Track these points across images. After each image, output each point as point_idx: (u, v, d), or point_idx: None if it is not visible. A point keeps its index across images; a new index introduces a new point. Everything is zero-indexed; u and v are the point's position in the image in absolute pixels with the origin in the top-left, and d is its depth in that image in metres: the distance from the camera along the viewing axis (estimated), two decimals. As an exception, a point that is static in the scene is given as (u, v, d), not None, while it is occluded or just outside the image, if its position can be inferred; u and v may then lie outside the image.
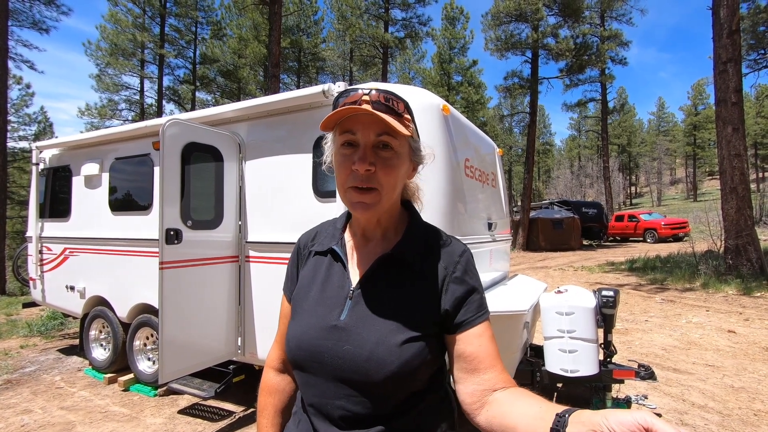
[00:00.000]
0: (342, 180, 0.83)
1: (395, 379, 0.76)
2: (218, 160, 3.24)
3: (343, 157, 0.82)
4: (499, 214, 3.89)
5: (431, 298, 0.84)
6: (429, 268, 0.86)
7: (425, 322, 0.82)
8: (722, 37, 8.58)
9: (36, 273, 4.96)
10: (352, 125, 0.80)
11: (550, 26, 20.61)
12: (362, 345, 0.78)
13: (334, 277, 0.89)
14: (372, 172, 0.79)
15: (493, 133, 32.65)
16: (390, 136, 0.80)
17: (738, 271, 8.45)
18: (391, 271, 0.86)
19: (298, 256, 1.01)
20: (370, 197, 0.81)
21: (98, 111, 26.08)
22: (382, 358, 0.76)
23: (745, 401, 3.41)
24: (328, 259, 0.92)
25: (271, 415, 0.96)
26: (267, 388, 0.99)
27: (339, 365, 0.79)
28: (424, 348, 0.80)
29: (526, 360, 3.14)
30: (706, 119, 49.19)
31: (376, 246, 0.90)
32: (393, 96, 0.81)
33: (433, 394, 0.87)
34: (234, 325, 3.28)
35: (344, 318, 0.82)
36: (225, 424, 3.21)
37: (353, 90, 0.82)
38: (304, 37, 29.68)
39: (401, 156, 0.83)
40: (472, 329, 0.83)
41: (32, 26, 14.85)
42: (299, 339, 0.85)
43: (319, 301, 0.87)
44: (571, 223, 18.92)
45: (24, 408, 3.59)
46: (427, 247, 0.89)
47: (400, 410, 0.80)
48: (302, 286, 0.93)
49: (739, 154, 8.49)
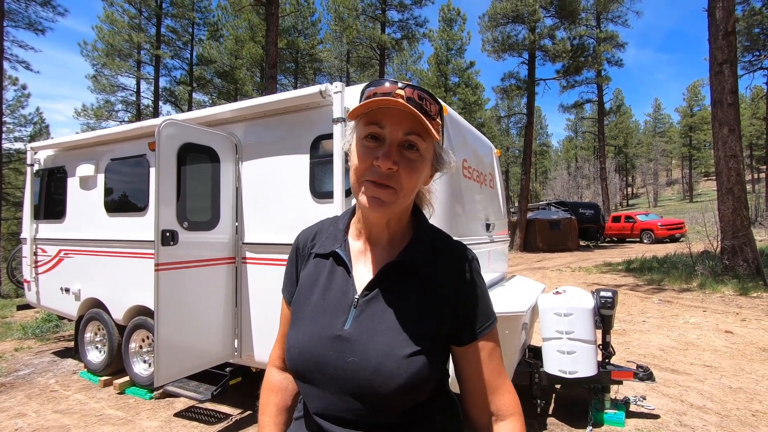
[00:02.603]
0: (359, 171, 0.77)
1: (403, 392, 0.73)
2: (215, 160, 3.22)
3: (365, 148, 0.76)
4: (496, 215, 3.88)
5: (439, 308, 0.80)
6: (437, 276, 0.82)
7: (433, 333, 0.79)
8: (718, 39, 8.62)
9: (31, 275, 4.92)
10: (381, 118, 0.74)
11: (547, 28, 20.69)
12: (368, 357, 0.74)
13: (337, 283, 0.84)
14: (394, 171, 0.74)
15: (491, 134, 32.74)
16: (419, 136, 0.75)
17: (734, 271, 8.48)
18: (397, 278, 0.81)
19: (297, 256, 0.95)
20: (386, 194, 0.75)
21: (95, 112, 25.94)
22: (389, 371, 0.73)
23: (743, 402, 3.41)
24: (330, 263, 0.87)
25: (274, 413, 0.93)
26: (269, 386, 0.97)
27: (343, 377, 0.75)
28: (432, 360, 0.77)
29: (525, 361, 3.13)
30: (701, 120, 49.42)
31: (383, 251, 0.85)
32: (428, 96, 0.76)
33: (438, 401, 0.85)
34: (230, 327, 3.25)
35: (348, 328, 0.78)
36: (222, 427, 3.19)
37: (385, 81, 0.76)
38: (301, 38, 29.64)
39: (425, 160, 0.79)
40: (480, 342, 0.82)
41: (28, 27, 14.81)
42: (301, 349, 0.80)
43: (321, 308, 0.83)
44: (568, 224, 18.97)
45: (18, 411, 3.55)
46: (434, 253, 0.84)
47: (405, 421, 0.78)
48: (302, 290, 0.88)
49: (735, 155, 8.53)
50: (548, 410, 3.33)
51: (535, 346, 3.49)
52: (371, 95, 0.76)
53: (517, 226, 19.05)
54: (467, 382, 0.84)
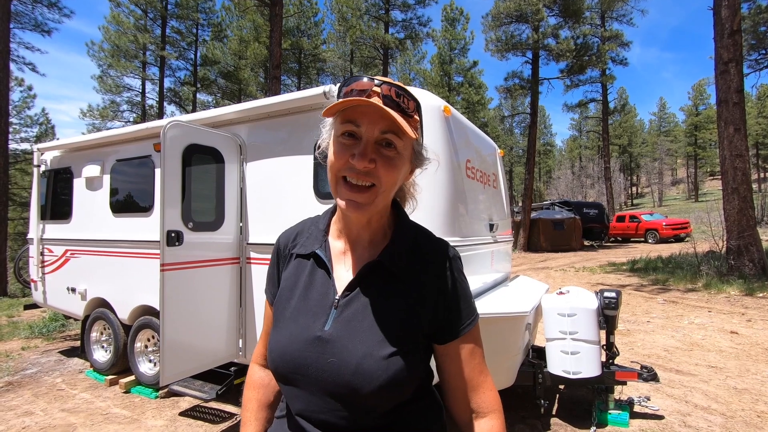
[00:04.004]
0: (336, 168, 0.76)
1: (382, 392, 0.73)
2: (219, 161, 3.24)
3: (341, 146, 0.75)
4: (500, 215, 3.88)
5: (420, 308, 0.79)
6: (418, 275, 0.81)
7: (414, 332, 0.79)
8: (723, 37, 8.57)
9: (37, 275, 4.97)
10: (357, 116, 0.73)
11: (551, 27, 20.59)
12: (348, 358, 0.74)
13: (318, 284, 0.84)
14: (371, 168, 0.74)
15: (494, 134, 32.65)
16: (395, 135, 0.74)
17: (740, 271, 8.42)
18: (378, 278, 0.80)
19: (278, 258, 0.95)
20: (364, 196, 0.75)
21: (100, 112, 26.15)
22: (368, 371, 0.72)
23: (749, 403, 3.39)
24: (310, 264, 0.87)
25: (255, 409, 0.94)
26: (252, 383, 0.98)
27: (323, 378, 0.75)
28: (412, 360, 0.77)
29: (528, 362, 3.13)
30: (707, 119, 49.08)
31: (363, 250, 0.84)
32: (405, 93, 0.75)
33: (421, 401, 0.84)
34: (235, 327, 3.27)
35: (328, 329, 0.77)
36: (226, 426, 3.21)
37: (362, 77, 0.75)
38: (305, 39, 29.72)
39: (403, 157, 0.78)
40: (462, 339, 0.83)
41: (34, 28, 14.90)
42: (282, 350, 0.80)
43: (302, 309, 0.82)
44: (572, 223, 18.90)
45: (25, 410, 3.59)
46: (415, 252, 0.84)
47: (387, 422, 0.77)
48: (283, 292, 0.88)
49: (740, 155, 8.47)
50: (552, 411, 3.33)
51: (538, 346, 3.49)
52: (348, 92, 0.75)
53: (520, 226, 19.00)
54: (449, 380, 0.84)
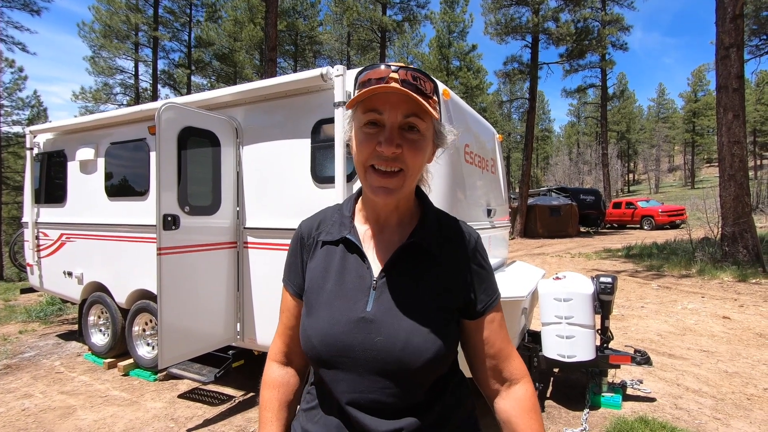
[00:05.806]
0: (363, 158, 0.78)
1: (430, 365, 0.77)
2: (215, 145, 3.20)
3: (366, 135, 0.77)
4: (497, 201, 3.88)
5: (453, 285, 0.84)
6: (447, 254, 0.86)
7: (449, 308, 0.83)
8: (725, 22, 8.47)
9: (33, 259, 4.94)
10: (378, 104, 0.75)
11: (551, 10, 20.27)
12: (395, 335, 0.77)
13: (351, 268, 0.85)
14: (399, 154, 0.75)
15: (493, 119, 32.44)
16: (418, 117, 0.76)
17: (734, 257, 8.51)
18: (412, 258, 0.84)
19: (301, 246, 0.94)
20: (394, 182, 0.77)
21: (93, 95, 25.67)
22: (417, 346, 0.76)
23: (739, 386, 3.46)
24: (340, 249, 0.88)
25: (276, 408, 0.91)
26: (270, 382, 0.94)
27: (372, 357, 0.77)
28: (452, 333, 0.83)
29: (524, 345, 3.17)
30: (705, 106, 48.91)
31: (392, 233, 0.87)
32: (421, 75, 0.76)
33: (453, 377, 0.89)
34: (233, 310, 3.28)
35: (370, 309, 0.80)
36: (225, 408, 3.24)
37: (378, 65, 0.77)
38: (301, 20, 29.13)
39: (426, 139, 0.80)
40: (491, 314, 0.88)
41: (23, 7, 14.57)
42: (323, 335, 0.80)
43: (338, 293, 0.83)
44: (568, 210, 18.96)
45: (24, 392, 3.61)
46: (442, 233, 0.88)
47: (428, 398, 0.81)
48: (315, 279, 0.88)
49: (738, 141, 8.47)
50: (546, 393, 3.38)
51: (534, 330, 3.53)
52: (365, 81, 0.76)
53: (517, 212, 19.04)
54: (481, 353, 0.88)
